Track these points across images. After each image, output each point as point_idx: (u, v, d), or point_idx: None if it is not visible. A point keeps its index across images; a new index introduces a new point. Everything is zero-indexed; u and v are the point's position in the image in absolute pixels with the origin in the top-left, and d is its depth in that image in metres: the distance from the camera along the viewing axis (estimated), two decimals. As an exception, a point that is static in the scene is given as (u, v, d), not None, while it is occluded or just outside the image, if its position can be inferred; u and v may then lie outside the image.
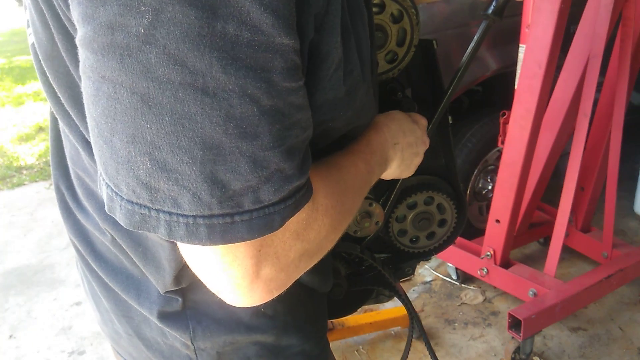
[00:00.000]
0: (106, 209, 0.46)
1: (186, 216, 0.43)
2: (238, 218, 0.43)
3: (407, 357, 1.10)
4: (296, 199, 0.47)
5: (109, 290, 0.71)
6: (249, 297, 0.50)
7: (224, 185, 0.42)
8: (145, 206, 0.43)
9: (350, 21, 0.54)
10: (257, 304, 0.51)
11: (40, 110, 6.23)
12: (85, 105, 0.43)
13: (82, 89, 0.43)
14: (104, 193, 0.45)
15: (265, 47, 0.40)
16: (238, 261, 0.47)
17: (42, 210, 3.69)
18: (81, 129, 0.58)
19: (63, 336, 2.41)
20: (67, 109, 0.58)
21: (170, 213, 0.43)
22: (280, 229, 0.47)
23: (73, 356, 2.29)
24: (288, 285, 0.53)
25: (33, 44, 0.63)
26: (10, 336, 2.45)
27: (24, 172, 4.40)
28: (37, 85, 7.54)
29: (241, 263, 0.47)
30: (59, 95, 0.58)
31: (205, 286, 0.66)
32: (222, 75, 0.39)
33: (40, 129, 5.51)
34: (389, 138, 0.70)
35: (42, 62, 0.57)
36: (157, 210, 0.43)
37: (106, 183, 0.44)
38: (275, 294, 0.52)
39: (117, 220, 0.45)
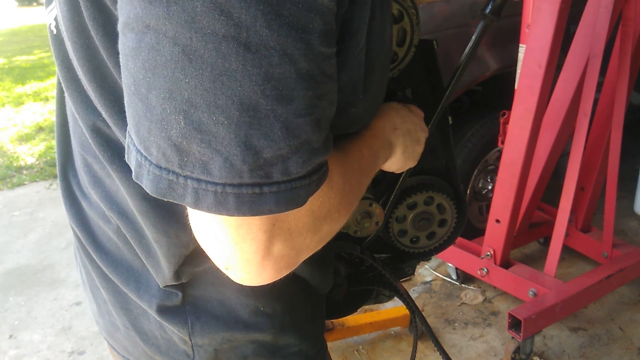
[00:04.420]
0: (133, 176, 0.45)
1: (215, 184, 0.42)
2: (267, 189, 0.43)
3: (414, 356, 1.09)
4: (319, 175, 0.47)
5: (109, 281, 0.71)
6: (258, 275, 0.50)
7: (256, 152, 0.42)
8: (173, 172, 0.43)
9: (376, 1, 0.54)
10: (266, 283, 0.51)
11: (40, 110, 6.23)
12: (123, 62, 0.42)
13: (121, 47, 0.42)
14: (132, 159, 0.45)
15: (308, 6, 0.41)
16: (252, 234, 0.46)
17: (42, 210, 3.69)
18: (97, 103, 0.57)
19: (63, 336, 2.41)
20: (85, 84, 0.58)
21: (198, 180, 0.42)
22: None
23: (73, 356, 2.29)
24: (296, 266, 0.53)
25: (50, 25, 0.64)
26: (10, 336, 2.45)
27: (24, 172, 4.40)
28: (37, 85, 7.54)
29: (254, 236, 0.47)
30: (78, 70, 0.58)
31: (205, 282, 0.66)
32: (266, 31, 0.39)
33: (40, 129, 5.51)
34: (388, 123, 0.70)
35: (64, 34, 0.57)
36: (185, 177, 0.42)
37: (136, 148, 0.44)
38: (284, 273, 0.52)
39: (144, 187, 0.45)
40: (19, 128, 5.58)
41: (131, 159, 0.45)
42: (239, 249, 0.47)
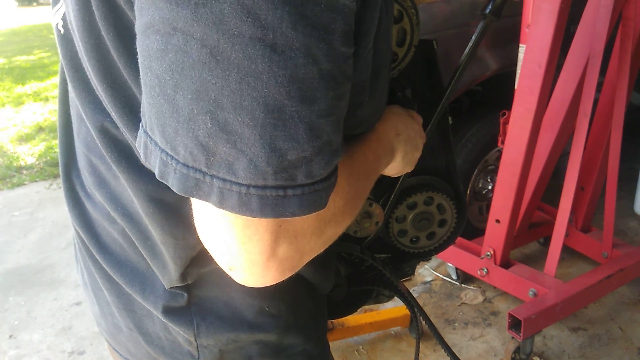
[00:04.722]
0: (157, 176, 0.46)
1: (240, 184, 0.43)
2: (290, 192, 0.44)
3: (418, 356, 1.09)
4: (335, 177, 0.48)
5: (112, 282, 0.71)
6: (262, 277, 0.50)
7: (281, 154, 0.42)
8: (200, 171, 0.43)
9: (383, 3, 0.54)
10: (268, 285, 0.51)
11: (40, 110, 6.23)
12: (146, 64, 0.43)
13: (143, 48, 0.43)
14: (156, 159, 0.45)
15: (330, 6, 0.41)
16: (258, 235, 0.47)
17: (42, 210, 3.69)
18: (106, 103, 0.57)
19: (63, 336, 2.41)
20: (95, 84, 0.58)
21: (224, 180, 0.43)
22: None
23: (73, 356, 2.29)
24: (299, 268, 0.53)
25: (57, 25, 0.63)
26: (10, 336, 2.45)
27: (24, 172, 4.40)
28: (37, 85, 7.54)
29: (261, 238, 0.47)
30: (87, 70, 0.58)
31: (211, 283, 0.66)
32: (291, 32, 0.40)
33: (40, 129, 5.51)
34: (391, 128, 0.70)
35: (75, 33, 0.57)
36: (212, 176, 0.43)
37: (160, 148, 0.44)
38: (287, 275, 0.52)
39: (170, 186, 0.45)
40: (19, 128, 5.57)
41: (153, 158, 0.46)
42: (245, 250, 0.47)
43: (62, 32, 0.63)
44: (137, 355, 0.75)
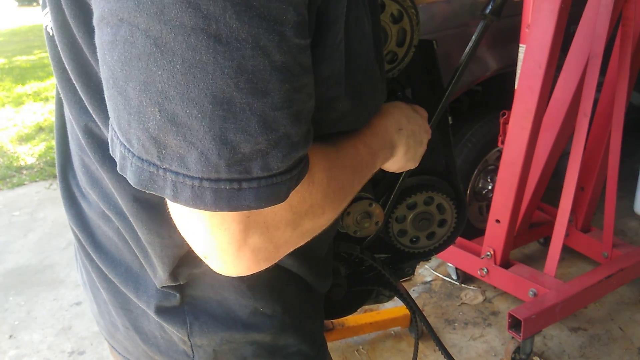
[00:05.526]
0: (118, 169, 0.46)
1: (192, 177, 0.42)
2: (246, 185, 0.43)
3: (416, 355, 1.10)
4: (299, 170, 0.47)
5: (108, 282, 0.71)
6: (235, 266, 0.50)
7: (233, 147, 0.41)
8: (153, 164, 0.43)
9: None
10: (245, 274, 0.51)
11: (40, 110, 6.23)
12: (101, 56, 0.43)
13: (98, 41, 0.43)
14: (117, 152, 0.45)
15: None
16: (225, 225, 0.46)
17: (42, 210, 3.69)
18: (85, 102, 0.58)
19: (63, 336, 2.41)
20: (74, 82, 0.58)
21: (177, 173, 0.42)
22: None
23: (73, 356, 2.29)
24: (277, 259, 0.53)
25: (46, 27, 0.64)
26: (10, 336, 2.45)
27: (24, 172, 4.40)
28: (37, 85, 7.55)
29: (228, 227, 0.46)
30: (67, 69, 0.58)
31: (204, 283, 0.66)
32: (236, 23, 0.39)
33: (40, 129, 5.51)
34: (393, 123, 0.69)
35: (54, 34, 0.58)
36: (165, 169, 0.43)
37: (120, 141, 0.44)
38: (263, 266, 0.51)
39: (128, 179, 0.45)
40: (19, 128, 5.58)
41: (116, 152, 0.46)
42: (215, 238, 0.47)
43: (50, 34, 0.63)
44: (135, 354, 0.75)
